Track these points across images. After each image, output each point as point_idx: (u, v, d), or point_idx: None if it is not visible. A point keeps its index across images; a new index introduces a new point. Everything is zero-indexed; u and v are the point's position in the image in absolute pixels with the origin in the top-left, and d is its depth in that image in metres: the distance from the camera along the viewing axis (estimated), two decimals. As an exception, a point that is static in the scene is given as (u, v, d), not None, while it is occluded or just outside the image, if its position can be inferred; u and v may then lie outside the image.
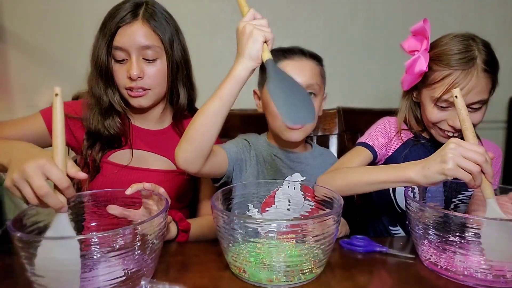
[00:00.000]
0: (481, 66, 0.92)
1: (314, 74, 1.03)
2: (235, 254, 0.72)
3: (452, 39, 0.97)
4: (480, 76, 0.92)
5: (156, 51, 0.97)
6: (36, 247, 0.60)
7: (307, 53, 1.05)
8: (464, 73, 0.92)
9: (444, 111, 0.97)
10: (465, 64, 0.92)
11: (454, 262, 0.73)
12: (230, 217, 0.71)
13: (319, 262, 0.73)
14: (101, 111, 1.01)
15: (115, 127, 1.02)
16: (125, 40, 0.95)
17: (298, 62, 1.03)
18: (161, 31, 0.98)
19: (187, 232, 0.93)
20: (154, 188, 0.80)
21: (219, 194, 0.81)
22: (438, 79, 0.95)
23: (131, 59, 0.96)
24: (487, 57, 0.93)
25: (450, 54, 0.94)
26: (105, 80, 0.99)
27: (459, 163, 0.73)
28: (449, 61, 0.94)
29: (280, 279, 0.70)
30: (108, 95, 1.00)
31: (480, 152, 0.73)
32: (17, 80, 1.64)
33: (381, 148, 1.08)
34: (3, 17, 1.59)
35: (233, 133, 1.33)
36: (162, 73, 1.00)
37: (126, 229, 0.64)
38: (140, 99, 1.00)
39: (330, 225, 0.71)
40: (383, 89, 1.77)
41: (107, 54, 0.97)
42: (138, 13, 0.96)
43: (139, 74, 0.96)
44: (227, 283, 0.72)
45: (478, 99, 0.94)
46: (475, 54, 0.93)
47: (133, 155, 1.04)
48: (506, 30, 1.74)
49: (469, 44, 0.94)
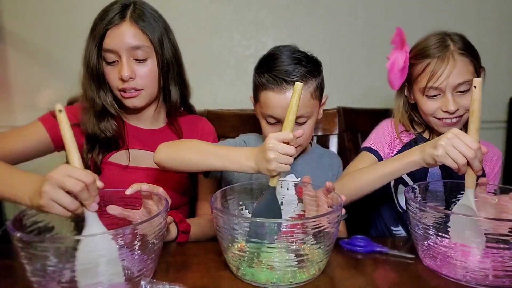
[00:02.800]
0: (456, 51, 0.99)
1: (302, 105, 0.90)
2: (235, 254, 0.72)
3: (428, 37, 1.05)
4: (457, 58, 0.99)
5: (146, 51, 0.98)
6: (36, 247, 0.60)
7: (296, 79, 0.91)
8: (440, 59, 0.99)
9: (434, 99, 1.02)
10: (440, 51, 1.00)
11: (454, 262, 0.73)
12: (230, 217, 0.71)
13: (319, 262, 0.73)
14: (96, 113, 1.01)
15: (110, 129, 1.02)
16: (115, 42, 0.96)
17: (282, 96, 0.93)
18: (149, 31, 0.98)
19: (187, 233, 0.93)
20: (153, 189, 0.80)
21: (218, 194, 0.81)
22: (420, 71, 1.03)
23: (121, 60, 0.97)
24: (460, 43, 1.01)
25: (427, 47, 1.03)
26: (97, 82, 1.00)
27: (448, 152, 0.78)
28: (426, 53, 1.02)
29: (280, 279, 0.70)
30: (100, 97, 1.01)
31: (472, 147, 0.77)
32: (17, 80, 1.64)
33: (385, 150, 1.10)
34: (3, 17, 1.58)
35: (233, 133, 1.33)
36: (153, 72, 1.00)
37: (126, 229, 0.64)
38: (133, 100, 1.01)
39: (330, 224, 0.71)
40: (383, 89, 1.76)
41: (97, 57, 0.97)
42: (126, 14, 0.96)
43: (130, 75, 0.97)
44: (227, 283, 0.72)
45: (461, 80, 0.98)
46: (448, 42, 1.01)
47: (132, 155, 1.04)
48: (506, 30, 1.74)
49: (443, 37, 1.03)
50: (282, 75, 0.93)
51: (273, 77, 0.93)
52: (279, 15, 1.69)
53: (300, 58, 0.96)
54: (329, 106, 1.50)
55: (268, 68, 0.95)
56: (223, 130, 1.38)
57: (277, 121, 0.96)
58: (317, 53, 1.08)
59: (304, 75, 0.94)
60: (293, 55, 0.96)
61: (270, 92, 0.94)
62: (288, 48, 0.98)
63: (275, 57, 0.97)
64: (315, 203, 0.84)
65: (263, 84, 0.95)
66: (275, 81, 0.93)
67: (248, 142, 1.08)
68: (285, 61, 0.95)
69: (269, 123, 0.98)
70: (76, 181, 0.66)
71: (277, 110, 0.94)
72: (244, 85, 1.04)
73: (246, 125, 1.39)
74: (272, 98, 0.94)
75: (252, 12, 1.68)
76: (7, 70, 1.63)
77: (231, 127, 1.41)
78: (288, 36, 1.71)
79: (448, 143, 0.78)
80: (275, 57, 0.97)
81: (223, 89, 1.70)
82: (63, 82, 1.47)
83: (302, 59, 0.96)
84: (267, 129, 1.00)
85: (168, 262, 0.79)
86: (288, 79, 0.92)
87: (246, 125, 1.39)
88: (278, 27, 1.70)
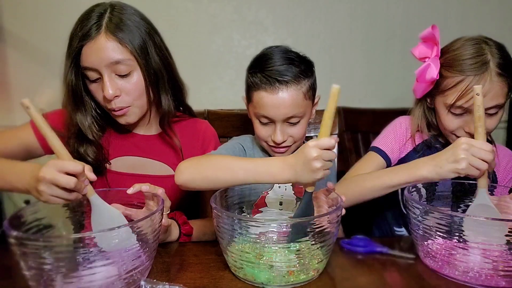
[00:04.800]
0: (495, 70, 0.90)
1: (294, 105, 0.92)
2: (235, 254, 0.72)
3: (464, 44, 0.95)
4: (494, 80, 0.90)
5: (128, 64, 0.89)
6: (32, 246, 0.60)
7: (289, 79, 0.92)
8: (477, 78, 0.90)
9: (459, 117, 0.95)
10: (478, 69, 0.90)
11: (454, 263, 0.73)
12: (230, 217, 0.71)
13: (319, 262, 0.72)
14: (75, 135, 0.94)
15: (91, 154, 0.95)
16: (92, 59, 0.87)
17: (275, 96, 0.92)
18: (129, 41, 0.88)
19: (189, 236, 0.93)
20: (153, 190, 0.80)
21: (218, 195, 0.81)
22: (450, 86, 0.93)
23: (103, 78, 0.88)
24: (500, 60, 0.91)
25: (462, 60, 0.92)
26: (73, 103, 0.93)
27: (471, 163, 0.78)
28: (461, 67, 0.92)
29: (280, 279, 0.70)
30: (77, 119, 0.94)
31: (489, 150, 0.78)
32: (17, 80, 1.64)
33: (394, 152, 1.07)
34: (3, 17, 1.59)
35: (233, 133, 1.33)
36: (140, 86, 0.92)
37: (121, 228, 0.64)
38: (125, 117, 0.95)
39: (330, 225, 0.71)
40: (383, 89, 1.77)
41: (74, 76, 0.90)
42: (101, 25, 0.87)
43: (114, 93, 0.89)
44: (227, 283, 0.72)
45: (493, 104, 0.92)
46: (487, 58, 0.90)
47: (130, 161, 1.02)
48: (506, 30, 1.74)
49: (481, 47, 0.92)
50: (275, 75, 0.92)
51: (266, 77, 0.93)
52: (279, 15, 1.69)
53: (293, 58, 0.95)
54: (329, 106, 1.50)
55: (261, 68, 0.95)
56: (223, 130, 1.37)
57: (270, 121, 0.96)
58: (317, 53, 1.08)
59: (297, 75, 0.93)
60: (286, 55, 0.96)
61: (263, 92, 0.94)
62: (280, 49, 0.98)
63: (267, 57, 0.96)
64: (315, 204, 0.84)
65: (256, 84, 0.95)
66: (268, 81, 0.92)
67: (245, 144, 1.07)
68: (278, 61, 0.94)
69: (262, 123, 0.98)
70: (68, 178, 0.68)
71: (270, 110, 0.93)
72: (244, 85, 1.04)
73: (246, 125, 1.38)
74: (265, 98, 0.93)
75: (252, 12, 1.68)
76: (6, 70, 1.63)
77: (231, 127, 1.41)
78: (288, 36, 1.71)
79: (468, 154, 0.78)
80: (268, 57, 0.96)
81: (223, 89, 1.70)
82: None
83: (295, 59, 0.95)
84: (260, 129, 0.99)
85: (168, 262, 0.79)
86: (280, 79, 0.92)
87: (246, 125, 1.39)
88: (278, 27, 1.70)
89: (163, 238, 0.87)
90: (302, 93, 0.94)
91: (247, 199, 0.91)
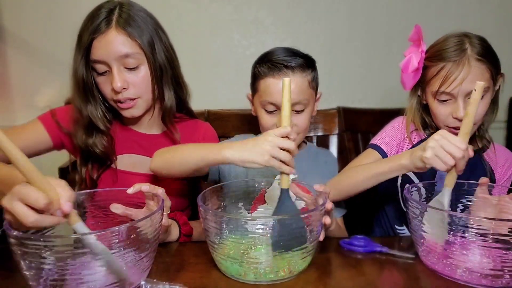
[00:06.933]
0: (473, 56, 0.95)
1: (300, 91, 0.99)
2: (223, 253, 0.73)
3: (446, 38, 1.01)
4: (473, 65, 0.94)
5: (137, 58, 0.93)
6: (32, 246, 0.60)
7: (295, 65, 0.99)
8: (456, 64, 0.95)
9: (445, 104, 1.00)
10: (456, 56, 0.96)
11: (454, 262, 0.73)
12: (218, 216, 0.72)
13: (304, 257, 0.73)
14: (83, 127, 0.97)
15: (99, 145, 0.97)
16: (102, 52, 0.90)
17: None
18: (138, 35, 0.92)
19: (189, 236, 0.94)
20: (153, 189, 0.80)
21: (208, 193, 0.81)
22: (434, 74, 0.99)
23: (112, 71, 0.91)
24: (480, 48, 0.96)
25: (443, 49, 0.99)
26: (84, 95, 0.95)
27: (437, 154, 0.78)
28: (441, 56, 0.98)
29: (269, 275, 0.70)
30: (88, 111, 0.96)
31: (461, 147, 0.76)
32: (17, 80, 1.64)
33: (392, 149, 1.09)
34: (3, 17, 1.59)
35: (232, 133, 1.33)
36: (146, 79, 0.96)
37: (121, 227, 0.64)
38: (131, 110, 0.97)
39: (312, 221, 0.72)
40: (383, 89, 1.77)
41: (85, 69, 0.93)
42: (111, 20, 0.90)
43: (123, 85, 0.92)
44: (227, 283, 0.72)
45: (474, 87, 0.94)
46: (465, 46, 0.96)
47: (131, 160, 1.03)
48: (506, 30, 1.74)
49: (462, 39, 0.98)
50: (281, 62, 0.99)
51: (273, 64, 1.00)
52: (279, 15, 1.69)
53: (297, 52, 1.03)
54: (329, 106, 1.50)
55: (268, 59, 1.02)
56: (223, 130, 1.38)
57: (276, 109, 1.00)
58: (317, 53, 1.08)
59: (302, 64, 1.00)
60: (291, 50, 1.04)
61: (270, 79, 0.99)
62: (284, 46, 1.05)
63: (273, 51, 1.04)
64: None
65: (263, 73, 1.01)
66: (276, 67, 0.99)
67: None
68: (284, 53, 1.02)
69: (268, 112, 1.02)
70: (27, 213, 0.59)
71: (277, 96, 0.96)
72: (244, 85, 1.04)
73: (246, 125, 1.39)
74: (272, 84, 0.99)
75: (252, 12, 1.68)
76: (7, 70, 1.63)
77: (231, 127, 1.41)
78: (288, 36, 1.71)
79: (436, 144, 0.77)
80: (274, 52, 1.04)
81: (223, 89, 1.71)
82: (63, 82, 1.46)
83: (299, 53, 1.04)
84: (265, 119, 1.03)
85: (168, 262, 0.79)
86: (287, 64, 0.99)
87: (246, 125, 1.39)
88: (278, 27, 1.70)
89: (163, 238, 0.87)
90: (307, 80, 1.01)
91: (246, 196, 0.92)
